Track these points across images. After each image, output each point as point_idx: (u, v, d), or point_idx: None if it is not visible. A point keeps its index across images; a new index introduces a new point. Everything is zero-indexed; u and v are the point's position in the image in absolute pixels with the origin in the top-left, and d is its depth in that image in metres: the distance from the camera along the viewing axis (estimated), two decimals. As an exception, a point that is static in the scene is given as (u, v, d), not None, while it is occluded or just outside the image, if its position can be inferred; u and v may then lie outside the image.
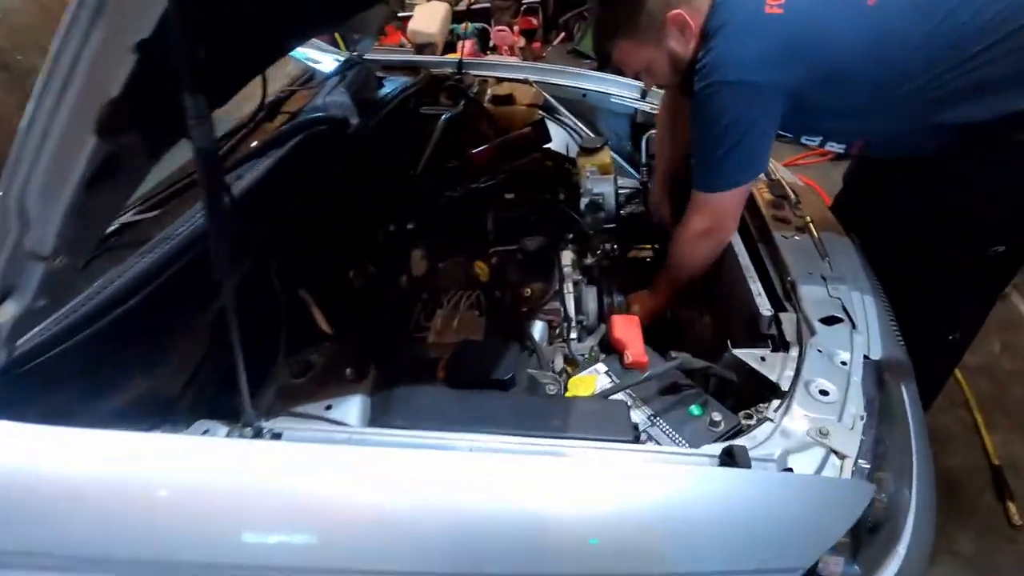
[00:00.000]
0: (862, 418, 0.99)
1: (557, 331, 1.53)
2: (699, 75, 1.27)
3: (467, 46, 5.86)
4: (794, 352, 1.14)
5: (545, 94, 2.25)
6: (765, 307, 1.25)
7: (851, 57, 1.26)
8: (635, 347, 1.19)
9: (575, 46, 4.78)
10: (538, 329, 1.44)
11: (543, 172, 1.57)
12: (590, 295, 1.77)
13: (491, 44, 5.95)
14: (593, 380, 1.09)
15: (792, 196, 1.67)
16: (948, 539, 1.68)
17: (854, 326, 1.21)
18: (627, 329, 1.22)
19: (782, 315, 1.25)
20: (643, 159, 2.16)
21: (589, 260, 1.90)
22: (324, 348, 1.09)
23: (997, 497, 1.79)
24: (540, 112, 2.09)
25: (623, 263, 2.12)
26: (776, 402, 1.04)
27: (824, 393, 1.04)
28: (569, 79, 2.31)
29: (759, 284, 1.32)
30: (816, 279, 1.34)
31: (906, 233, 1.53)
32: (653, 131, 2.15)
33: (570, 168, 1.66)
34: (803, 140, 1.47)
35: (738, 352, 1.16)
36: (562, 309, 1.49)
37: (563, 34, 6.09)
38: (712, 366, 1.11)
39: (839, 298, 1.28)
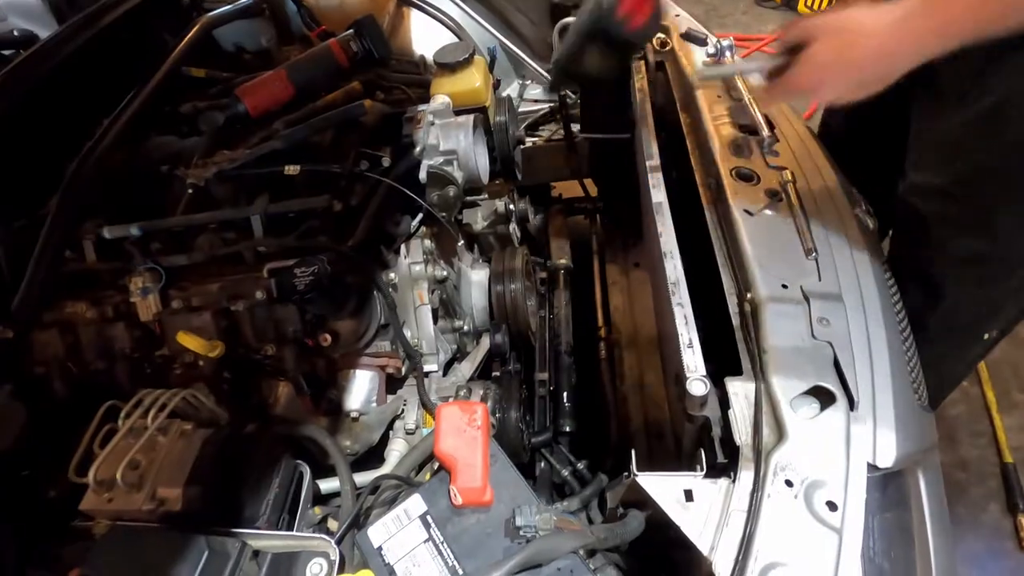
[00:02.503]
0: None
1: (404, 372, 1.00)
2: None
3: None
4: (745, 481, 0.63)
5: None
6: (696, 374, 0.72)
7: None
8: (470, 470, 0.68)
9: None
10: (360, 390, 0.92)
11: (360, 118, 0.94)
12: (475, 283, 1.23)
13: None
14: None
15: (765, 129, 1.07)
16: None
17: (852, 405, 0.70)
18: (460, 434, 0.70)
19: (732, 384, 0.72)
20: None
21: (479, 225, 1.33)
22: None
23: (1007, 507, 1.41)
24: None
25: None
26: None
27: (791, 595, 0.55)
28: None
29: (692, 325, 0.78)
30: (794, 300, 0.80)
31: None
32: (571, 18, 1.47)
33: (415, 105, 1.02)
34: None
35: (644, 480, 0.65)
36: (400, 345, 0.95)
37: None
38: (605, 539, 0.61)
39: (829, 343, 0.75)
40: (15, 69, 0.92)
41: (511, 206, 1.32)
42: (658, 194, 0.95)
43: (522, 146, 1.37)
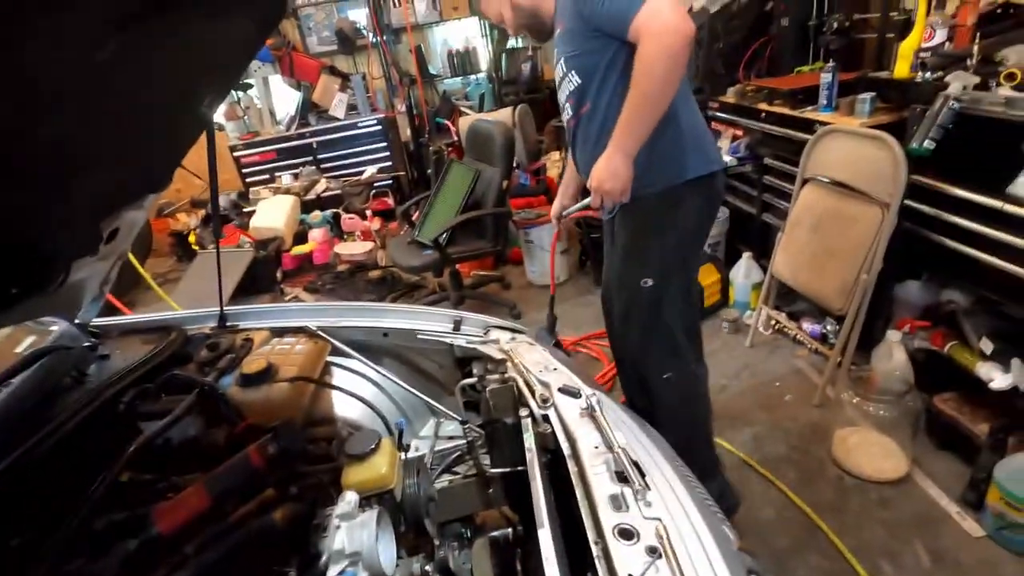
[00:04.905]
0: None
1: None
2: None
3: (319, 235, 5.57)
4: None
5: (334, 343, 1.80)
6: None
7: None
8: None
9: (416, 237, 4.33)
10: None
11: (271, 531, 1.03)
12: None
13: (344, 232, 5.70)
14: None
15: (637, 479, 1.23)
16: None
17: None
18: None
19: None
20: (461, 412, 1.72)
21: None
22: None
23: None
24: (321, 383, 1.59)
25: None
26: None
27: None
28: (363, 317, 1.89)
29: None
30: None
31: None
32: (470, 379, 1.74)
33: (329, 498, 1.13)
34: None
35: None
36: None
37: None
38: None
39: None
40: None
41: (427, 566, 1.35)
42: (549, 563, 1.03)
43: (433, 501, 1.47)
